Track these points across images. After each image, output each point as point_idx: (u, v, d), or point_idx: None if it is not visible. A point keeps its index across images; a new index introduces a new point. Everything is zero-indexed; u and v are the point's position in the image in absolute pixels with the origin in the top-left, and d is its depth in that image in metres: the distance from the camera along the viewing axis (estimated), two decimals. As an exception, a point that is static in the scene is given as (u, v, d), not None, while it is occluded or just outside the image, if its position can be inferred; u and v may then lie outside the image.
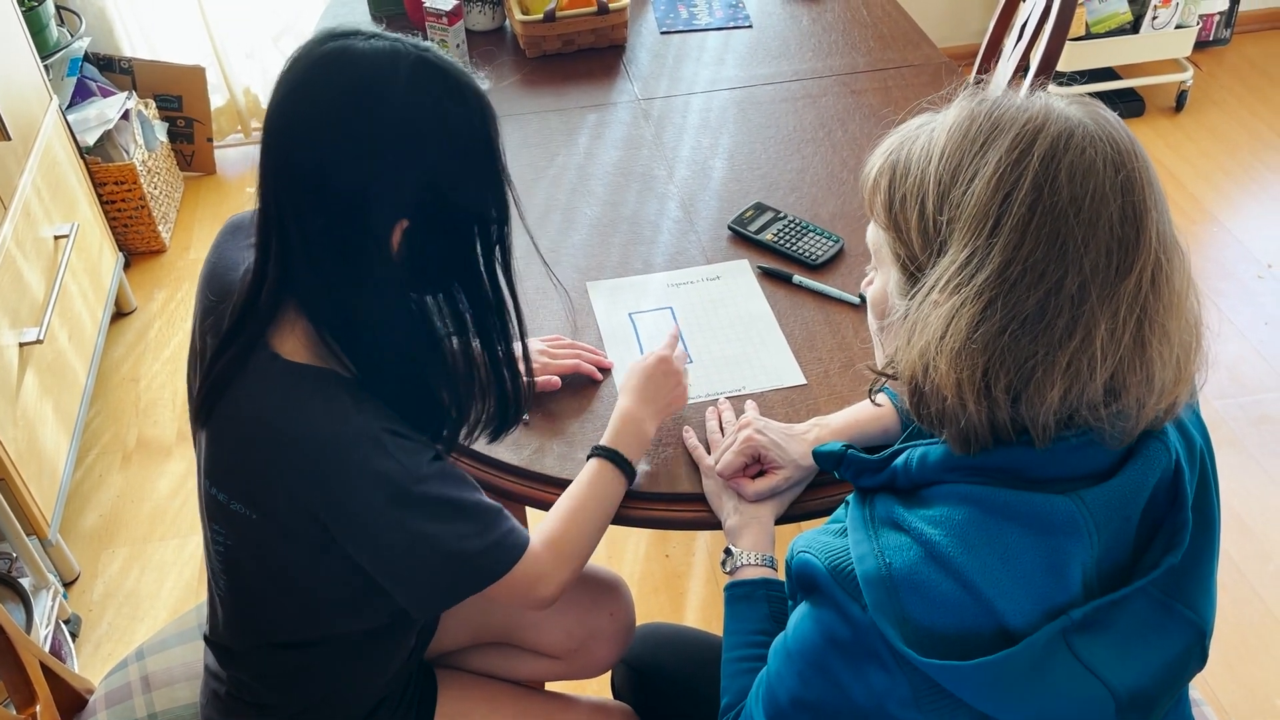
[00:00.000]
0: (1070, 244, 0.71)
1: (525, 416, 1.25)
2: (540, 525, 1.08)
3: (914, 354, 0.76)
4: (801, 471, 1.13)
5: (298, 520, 0.95)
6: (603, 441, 1.14)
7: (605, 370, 1.31)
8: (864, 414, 1.15)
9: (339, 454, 0.91)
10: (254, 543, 1.00)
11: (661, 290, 1.45)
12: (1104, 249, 0.71)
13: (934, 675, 0.73)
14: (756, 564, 1.06)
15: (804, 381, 1.29)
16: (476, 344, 1.00)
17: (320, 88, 0.87)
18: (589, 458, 1.14)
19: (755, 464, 1.15)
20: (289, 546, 0.98)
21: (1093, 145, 0.72)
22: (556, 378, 1.27)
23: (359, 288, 0.91)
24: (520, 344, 1.03)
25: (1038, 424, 0.74)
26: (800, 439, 1.15)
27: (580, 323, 1.40)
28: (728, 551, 1.08)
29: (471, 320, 0.98)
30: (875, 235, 0.84)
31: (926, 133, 0.79)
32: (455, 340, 0.99)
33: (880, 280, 0.86)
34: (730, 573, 1.07)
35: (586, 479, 1.12)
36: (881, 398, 0.98)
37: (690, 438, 1.22)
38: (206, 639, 1.14)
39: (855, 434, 1.14)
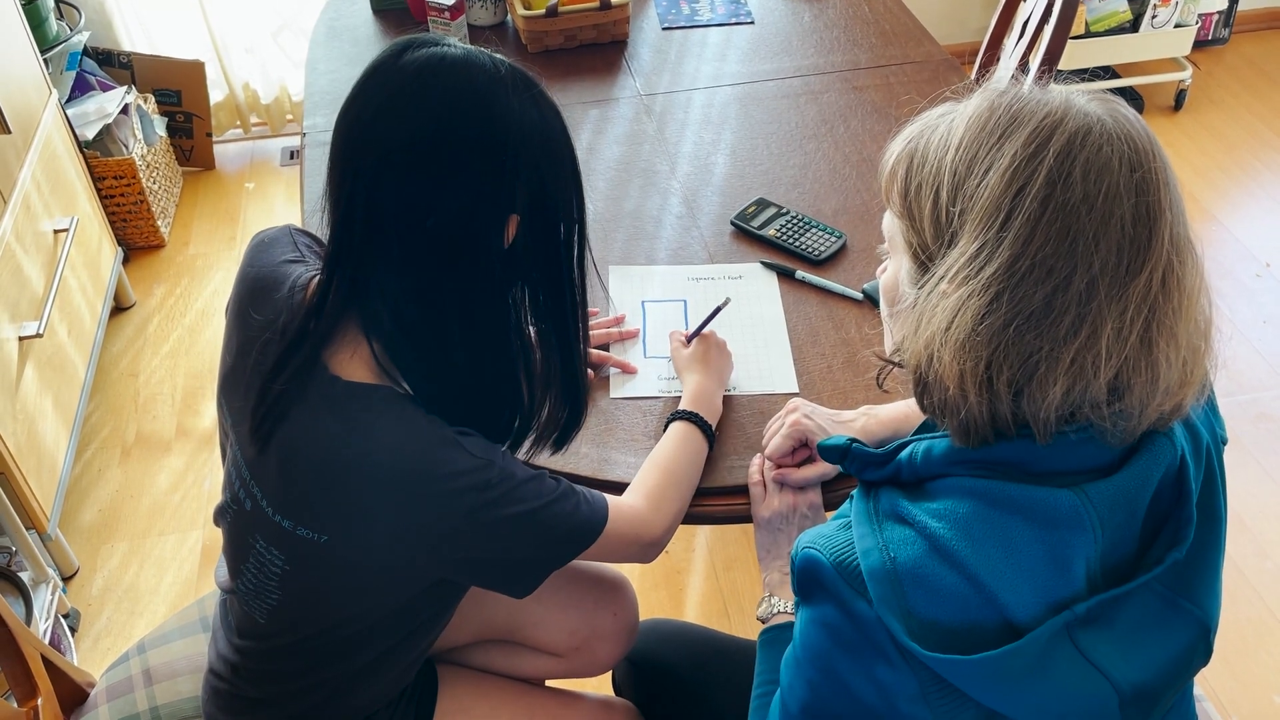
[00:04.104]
0: (1080, 241, 0.71)
1: None
2: (631, 485, 1.12)
3: (920, 343, 0.77)
4: None
5: (376, 537, 0.94)
6: (683, 407, 1.20)
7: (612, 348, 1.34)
8: (914, 407, 1.15)
9: (424, 464, 0.91)
10: (317, 564, 0.98)
11: (681, 283, 1.45)
12: (1115, 248, 0.71)
13: (938, 669, 0.72)
14: (792, 614, 1.06)
15: (796, 390, 1.29)
16: (554, 343, 1.01)
17: (431, 96, 0.87)
18: (669, 423, 1.19)
19: (803, 449, 1.17)
20: (360, 557, 0.96)
21: (1110, 143, 0.72)
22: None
23: (462, 292, 0.91)
24: (584, 346, 1.05)
25: (1039, 419, 0.73)
26: (847, 426, 1.16)
27: (592, 304, 1.41)
28: (766, 599, 1.10)
29: (552, 320, 0.99)
30: (890, 222, 0.84)
31: (946, 122, 0.79)
32: (535, 340, 1.00)
33: (893, 267, 0.86)
34: (764, 619, 1.09)
35: (672, 438, 1.17)
36: None
37: (755, 470, 1.19)
38: (235, 648, 1.12)
39: (905, 426, 1.14)
